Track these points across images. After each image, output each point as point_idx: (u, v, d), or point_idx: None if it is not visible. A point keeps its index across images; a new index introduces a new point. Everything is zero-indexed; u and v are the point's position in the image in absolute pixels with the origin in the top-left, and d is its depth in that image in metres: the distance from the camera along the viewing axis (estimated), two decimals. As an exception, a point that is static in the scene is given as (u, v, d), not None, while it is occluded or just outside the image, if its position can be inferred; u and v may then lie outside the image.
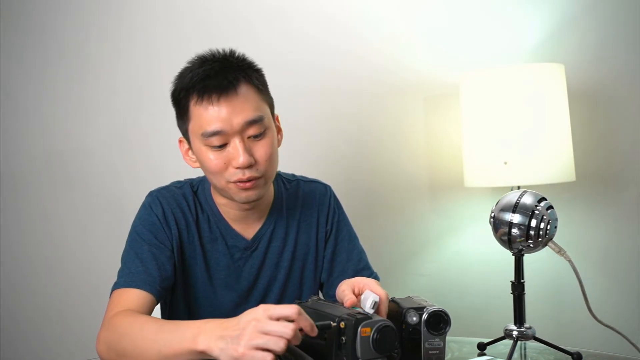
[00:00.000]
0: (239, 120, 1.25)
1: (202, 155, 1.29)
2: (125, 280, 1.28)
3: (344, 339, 0.97)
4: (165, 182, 1.48)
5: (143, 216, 1.37)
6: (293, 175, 1.51)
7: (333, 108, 2.15)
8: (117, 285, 1.28)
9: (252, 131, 1.27)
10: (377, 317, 0.98)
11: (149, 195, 1.40)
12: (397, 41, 2.14)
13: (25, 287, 2.11)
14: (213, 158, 1.27)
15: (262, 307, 0.97)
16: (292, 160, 2.10)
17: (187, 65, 1.33)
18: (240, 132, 1.26)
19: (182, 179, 1.48)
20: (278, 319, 0.95)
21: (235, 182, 1.28)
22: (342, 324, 0.98)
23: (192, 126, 1.29)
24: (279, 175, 1.48)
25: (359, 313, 0.98)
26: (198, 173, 1.47)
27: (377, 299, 1.07)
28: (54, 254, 2.11)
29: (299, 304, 1.09)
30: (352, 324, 0.96)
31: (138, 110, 2.12)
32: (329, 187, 1.51)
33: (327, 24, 2.13)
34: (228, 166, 1.27)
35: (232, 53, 1.33)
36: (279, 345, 0.92)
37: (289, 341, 0.93)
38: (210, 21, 2.12)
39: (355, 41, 2.14)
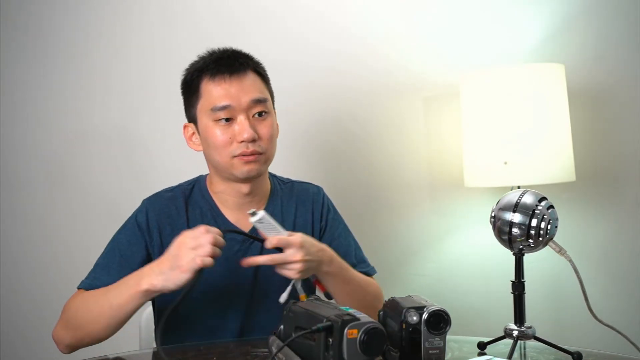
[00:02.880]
0: (246, 98, 1.38)
1: (209, 132, 1.39)
2: (88, 283, 1.40)
3: (331, 340, 0.96)
4: (164, 182, 1.50)
5: (127, 224, 1.44)
6: (288, 178, 1.58)
7: (333, 109, 2.15)
8: (81, 285, 1.41)
9: (256, 109, 1.39)
10: (365, 319, 0.97)
11: (141, 204, 1.46)
12: (397, 41, 2.14)
13: (24, 288, 2.11)
14: (220, 133, 1.38)
15: (183, 232, 1.23)
16: (292, 160, 2.10)
17: (197, 58, 1.46)
18: (247, 109, 1.38)
19: (180, 179, 1.53)
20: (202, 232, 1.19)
21: (238, 155, 1.38)
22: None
23: (202, 104, 1.40)
24: (274, 176, 1.55)
25: (347, 314, 0.97)
26: (196, 171, 1.49)
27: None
28: (52, 254, 2.11)
29: (294, 304, 1.10)
30: (339, 325, 0.95)
31: (137, 111, 2.12)
32: (321, 188, 1.58)
33: (325, 25, 2.13)
34: (233, 141, 1.37)
35: (239, 50, 1.45)
36: (213, 249, 1.19)
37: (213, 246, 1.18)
38: (208, 22, 2.12)
39: (354, 42, 2.14)
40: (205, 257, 1.18)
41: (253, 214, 1.26)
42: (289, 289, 1.28)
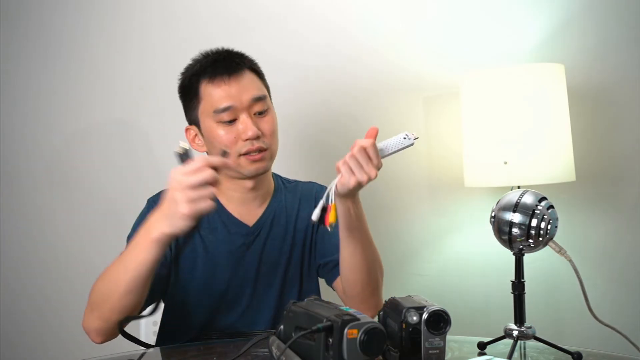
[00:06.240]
0: (247, 97, 1.40)
1: (213, 133, 1.42)
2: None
3: (331, 340, 0.96)
4: (164, 181, 1.50)
5: (138, 222, 1.43)
6: (294, 179, 1.61)
7: (333, 109, 2.15)
8: None
9: (257, 107, 1.42)
10: (365, 319, 0.97)
11: (146, 202, 1.48)
12: (397, 41, 2.14)
13: (24, 288, 2.11)
14: (224, 133, 1.40)
15: (172, 171, 1.14)
16: (291, 160, 2.10)
17: (191, 61, 1.47)
18: (248, 108, 1.41)
19: None
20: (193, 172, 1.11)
21: (245, 154, 1.40)
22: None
23: (203, 107, 1.42)
24: (279, 176, 1.58)
25: (347, 314, 0.97)
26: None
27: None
28: (52, 254, 2.11)
29: (294, 304, 1.10)
30: (339, 325, 0.95)
31: (137, 110, 2.12)
32: (325, 186, 1.55)
33: (325, 25, 2.13)
34: (238, 140, 1.40)
35: (232, 50, 1.48)
36: (209, 191, 1.10)
37: (212, 184, 1.11)
38: (208, 22, 2.11)
39: (354, 42, 2.14)
40: (200, 205, 1.10)
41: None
42: (321, 203, 1.26)
